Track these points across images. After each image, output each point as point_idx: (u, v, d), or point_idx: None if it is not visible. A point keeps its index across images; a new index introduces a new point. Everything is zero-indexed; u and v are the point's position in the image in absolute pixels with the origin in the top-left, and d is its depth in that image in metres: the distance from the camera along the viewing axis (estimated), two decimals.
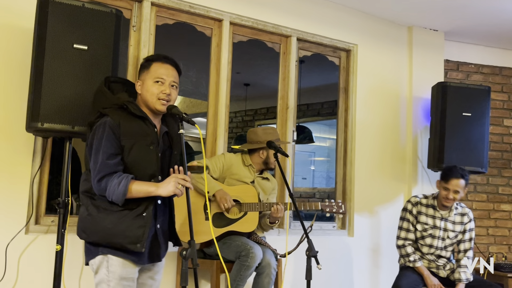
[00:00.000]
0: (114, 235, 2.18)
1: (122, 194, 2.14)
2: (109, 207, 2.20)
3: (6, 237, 2.90)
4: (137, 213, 2.21)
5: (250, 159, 3.37)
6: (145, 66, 2.36)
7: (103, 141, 2.18)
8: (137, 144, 2.24)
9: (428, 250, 3.65)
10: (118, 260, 2.20)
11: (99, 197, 2.21)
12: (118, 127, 2.20)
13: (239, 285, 3.02)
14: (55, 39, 2.64)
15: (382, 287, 4.33)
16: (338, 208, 3.29)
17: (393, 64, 4.62)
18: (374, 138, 4.45)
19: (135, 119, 2.27)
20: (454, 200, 3.55)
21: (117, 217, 2.19)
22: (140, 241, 2.18)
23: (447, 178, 3.53)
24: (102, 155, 2.16)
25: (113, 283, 2.19)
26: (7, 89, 2.96)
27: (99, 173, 2.15)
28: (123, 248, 2.19)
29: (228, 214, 3.20)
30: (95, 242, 2.22)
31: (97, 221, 2.20)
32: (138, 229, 2.19)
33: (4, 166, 2.94)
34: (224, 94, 3.81)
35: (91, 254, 2.25)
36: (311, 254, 2.60)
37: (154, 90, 2.29)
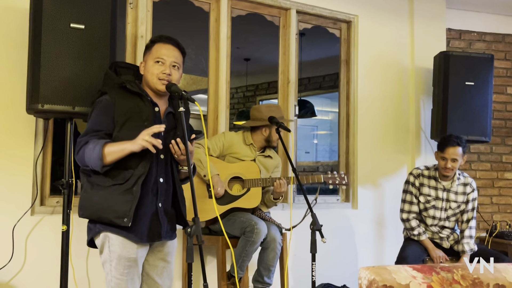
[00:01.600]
0: (102, 210, 2.19)
1: (97, 158, 2.13)
2: (101, 183, 2.22)
3: (13, 219, 2.92)
4: (126, 188, 2.20)
5: (251, 137, 3.34)
6: (148, 47, 2.38)
7: (92, 116, 2.25)
8: (130, 120, 2.24)
9: (432, 222, 3.66)
10: (118, 239, 2.21)
11: (94, 174, 2.23)
12: (113, 104, 2.23)
13: (245, 260, 3.05)
14: (51, 19, 2.62)
15: (387, 258, 4.36)
16: (341, 180, 3.29)
17: (394, 34, 4.56)
18: (376, 110, 4.43)
19: (133, 96, 2.28)
20: (453, 169, 3.53)
21: (107, 192, 2.20)
22: (127, 215, 2.17)
23: (443, 147, 3.53)
24: (85, 130, 2.22)
25: (114, 263, 2.22)
26: (5, 71, 2.94)
27: (77, 146, 2.20)
28: (112, 224, 2.19)
29: (231, 191, 3.20)
30: (91, 219, 2.26)
31: (89, 197, 2.24)
32: (126, 204, 2.18)
33: (7, 149, 2.94)
34: (224, 70, 3.78)
35: (91, 231, 2.29)
36: (316, 228, 2.61)
37: (154, 70, 2.30)
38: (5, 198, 2.93)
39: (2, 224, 2.91)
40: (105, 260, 2.25)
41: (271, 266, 3.10)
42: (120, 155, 2.17)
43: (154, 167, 2.27)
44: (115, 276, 2.22)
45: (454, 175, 3.63)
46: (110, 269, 2.24)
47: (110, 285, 2.24)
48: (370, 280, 1.56)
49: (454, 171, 3.57)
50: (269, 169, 3.37)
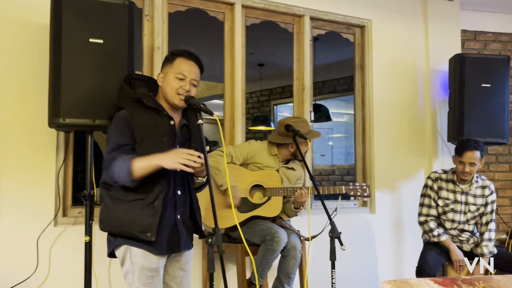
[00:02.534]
0: (125, 225, 2.22)
1: (127, 173, 2.13)
2: (122, 197, 2.24)
3: (37, 230, 2.99)
4: (147, 202, 2.22)
5: (277, 150, 3.32)
6: (169, 59, 2.37)
7: (114, 133, 2.25)
8: (148, 135, 2.26)
9: (451, 225, 3.65)
10: (139, 251, 2.24)
11: (114, 188, 2.26)
12: (131, 119, 2.24)
13: (265, 268, 3.07)
14: (70, 35, 2.68)
15: (407, 262, 4.35)
16: (363, 192, 3.26)
17: (408, 37, 4.55)
18: (392, 114, 4.43)
19: (149, 111, 2.30)
20: (471, 173, 3.52)
21: (128, 207, 2.23)
22: (150, 230, 2.20)
23: (461, 151, 3.51)
24: (110, 145, 2.23)
25: (137, 273, 2.25)
26: (27, 86, 3.01)
27: (105, 162, 2.22)
28: (134, 238, 2.22)
29: (252, 199, 3.23)
30: (112, 233, 2.29)
31: (111, 211, 2.26)
32: (148, 218, 2.21)
33: (30, 162, 3.01)
34: (240, 78, 3.81)
35: (112, 244, 2.32)
36: (335, 236, 2.62)
37: (175, 84, 2.31)
38: (29, 210, 3.00)
39: (26, 235, 2.97)
40: (127, 272, 2.29)
41: (291, 273, 3.12)
42: (149, 171, 2.17)
43: (172, 180, 2.31)
44: (138, 287, 2.25)
45: (472, 178, 3.61)
46: (133, 280, 2.27)
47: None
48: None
49: (472, 175, 3.55)
50: (291, 181, 3.37)
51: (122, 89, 2.38)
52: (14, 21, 3.00)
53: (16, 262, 2.94)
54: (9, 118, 2.97)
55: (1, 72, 2.96)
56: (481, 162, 3.54)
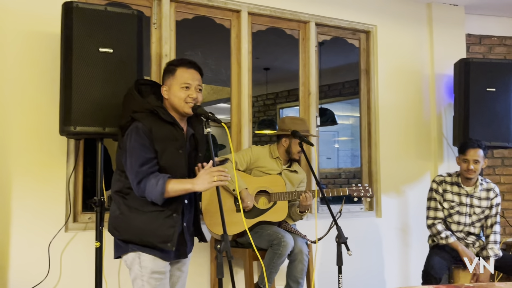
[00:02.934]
0: (145, 234, 2.29)
1: (160, 194, 2.23)
2: (140, 207, 2.31)
3: (48, 236, 3.04)
4: (167, 214, 2.32)
5: (277, 151, 3.40)
6: (170, 71, 2.42)
7: (137, 146, 2.26)
8: (168, 148, 2.32)
9: (457, 228, 3.68)
10: (149, 257, 2.32)
11: (130, 197, 2.32)
12: (150, 132, 2.28)
13: (272, 272, 3.11)
14: (81, 44, 2.73)
15: (413, 266, 4.37)
16: (366, 192, 3.32)
17: (413, 42, 4.59)
18: (398, 118, 4.46)
19: (165, 124, 2.35)
20: (476, 171, 3.55)
21: (148, 217, 2.30)
22: (171, 240, 2.30)
23: (464, 149, 3.59)
24: (137, 160, 2.25)
25: (146, 277, 2.31)
26: (39, 95, 3.07)
27: (137, 177, 2.25)
28: (154, 247, 2.30)
29: (257, 204, 3.27)
30: (127, 240, 2.34)
31: (129, 220, 2.32)
32: (169, 229, 2.31)
33: (41, 169, 3.07)
34: (246, 84, 3.86)
35: (121, 249, 2.38)
36: (341, 241, 2.66)
37: (182, 95, 2.36)
38: (40, 216, 3.05)
39: (38, 241, 3.03)
40: (136, 276, 2.34)
41: (300, 278, 3.16)
42: (181, 194, 2.30)
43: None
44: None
45: (477, 181, 3.64)
46: (142, 284, 2.33)
47: None
48: None
49: (476, 174, 3.59)
50: (294, 183, 3.43)
51: (133, 97, 2.40)
52: (26, 31, 3.06)
53: (28, 267, 3.00)
54: (21, 126, 3.03)
55: (13, 81, 3.02)
56: (485, 162, 3.60)
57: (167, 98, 2.41)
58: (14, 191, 3.00)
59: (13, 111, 3.02)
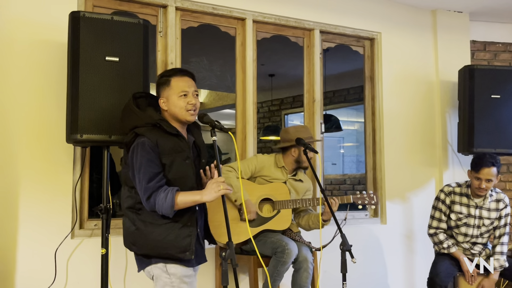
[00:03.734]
0: (164, 247, 2.32)
1: (170, 207, 2.25)
2: (155, 220, 2.33)
3: (55, 243, 3.06)
4: (182, 224, 2.34)
5: (283, 160, 3.40)
6: (164, 83, 2.43)
7: (144, 161, 2.28)
8: (175, 161, 2.35)
9: (464, 239, 3.65)
10: (175, 265, 2.35)
11: (143, 212, 2.34)
12: (156, 146, 2.30)
13: (276, 280, 3.11)
14: (88, 53, 2.76)
15: (418, 273, 4.36)
16: (370, 200, 3.32)
17: (418, 49, 4.60)
18: (402, 125, 4.46)
19: (169, 136, 2.37)
20: (488, 190, 3.51)
21: (164, 229, 2.32)
22: (189, 249, 2.32)
23: (478, 168, 3.48)
24: (144, 176, 2.27)
25: (176, 283, 2.34)
26: (46, 103, 3.10)
27: (146, 193, 2.27)
28: (173, 258, 2.33)
29: (261, 213, 3.28)
30: (146, 254, 2.37)
31: (145, 235, 2.34)
32: (185, 238, 2.33)
33: (48, 176, 3.09)
34: (251, 92, 3.88)
35: (144, 263, 2.40)
36: (345, 248, 2.66)
37: (181, 103, 2.38)
38: (47, 222, 3.08)
39: (45, 248, 3.05)
40: (165, 284, 2.35)
41: (305, 286, 3.15)
42: (191, 205, 2.33)
43: None
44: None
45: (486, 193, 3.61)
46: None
47: None
48: None
49: (488, 191, 3.55)
50: (299, 193, 3.42)
51: (132, 111, 2.42)
52: (33, 40, 3.09)
53: (35, 273, 3.01)
54: (28, 134, 3.06)
55: (21, 90, 3.06)
56: (497, 178, 3.53)
57: (166, 109, 2.42)
58: (21, 198, 3.03)
59: (20, 119, 3.05)
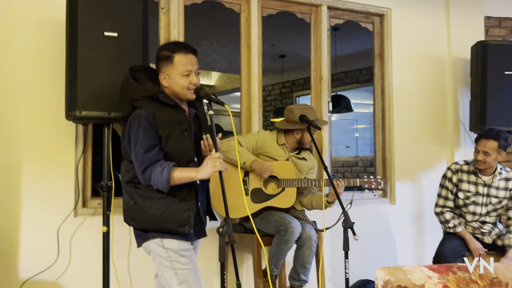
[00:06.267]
0: (162, 221, 2.28)
1: (166, 182, 2.21)
2: (153, 195, 2.29)
3: (57, 221, 3.07)
4: (181, 198, 2.30)
5: (284, 138, 3.33)
6: (167, 58, 2.33)
7: (140, 133, 2.24)
8: (172, 132, 2.30)
9: (472, 218, 3.58)
10: (172, 240, 2.32)
11: (142, 186, 2.30)
12: (153, 118, 2.25)
13: (279, 258, 3.08)
14: (86, 29, 2.72)
15: (428, 254, 4.29)
16: (377, 185, 3.24)
17: (429, 25, 4.47)
18: (413, 103, 4.36)
19: (167, 107, 2.32)
20: (485, 163, 3.43)
21: (163, 204, 2.29)
22: (188, 223, 2.29)
23: (477, 139, 3.48)
24: (141, 147, 2.23)
25: (174, 257, 2.30)
26: (46, 80, 3.09)
27: (142, 165, 2.23)
28: (172, 232, 2.30)
29: (266, 189, 3.24)
30: (145, 229, 2.34)
31: (144, 209, 2.30)
32: (184, 212, 2.29)
33: (50, 154, 3.09)
34: (256, 70, 3.81)
35: (142, 238, 2.38)
36: (348, 226, 2.62)
37: (183, 83, 2.32)
38: (49, 201, 3.08)
39: (47, 226, 3.06)
40: (163, 260, 2.32)
41: (307, 263, 3.12)
42: (187, 181, 2.28)
43: None
44: (180, 268, 2.30)
45: (495, 170, 3.52)
46: (170, 265, 2.30)
47: (177, 278, 2.29)
48: (385, 280, 1.57)
49: (487, 165, 3.46)
50: (302, 171, 3.35)
51: (130, 85, 2.36)
52: (31, 17, 3.07)
53: (38, 252, 3.03)
54: (29, 112, 3.05)
55: (20, 67, 3.04)
56: (501, 154, 3.43)
57: (167, 86, 2.36)
58: (23, 177, 3.03)
59: (21, 97, 3.04)
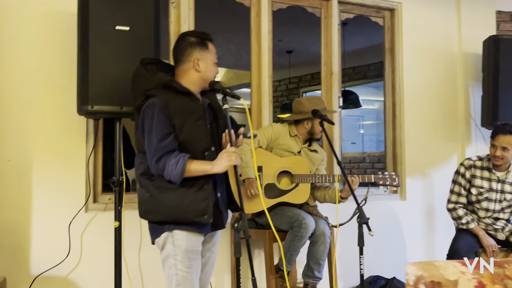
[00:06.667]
0: (180, 212, 2.23)
1: (180, 174, 2.18)
2: (169, 186, 2.24)
3: (68, 216, 3.05)
4: (198, 187, 2.25)
5: (296, 130, 3.33)
6: (201, 44, 2.36)
7: (154, 122, 2.20)
8: (187, 121, 2.26)
9: (485, 214, 3.55)
10: (183, 234, 2.27)
11: (157, 178, 2.26)
12: (166, 106, 2.22)
13: (293, 254, 3.06)
14: (97, 23, 2.69)
15: (438, 250, 4.27)
16: (392, 181, 3.21)
17: (440, 20, 4.43)
18: (423, 99, 4.33)
19: (181, 96, 2.29)
20: (503, 158, 3.39)
21: (179, 194, 2.24)
22: (206, 212, 2.24)
23: (494, 134, 3.44)
24: (156, 136, 2.19)
25: (180, 256, 2.26)
26: (58, 74, 3.06)
27: (156, 154, 2.19)
28: (190, 222, 2.25)
29: (279, 185, 3.21)
30: (162, 221, 2.28)
31: (160, 201, 2.26)
32: (202, 202, 2.24)
33: (60, 149, 3.07)
34: (267, 64, 3.78)
35: (157, 231, 2.32)
36: (362, 221, 2.59)
37: (215, 70, 2.38)
38: (60, 196, 3.06)
39: (58, 221, 3.04)
40: (168, 255, 2.29)
41: (321, 260, 3.10)
42: (201, 174, 2.24)
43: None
44: (182, 269, 2.26)
45: (510, 166, 3.49)
46: (174, 263, 2.27)
47: (176, 279, 2.26)
48: (418, 276, 1.53)
49: (505, 161, 3.43)
50: (314, 163, 3.35)
51: (142, 76, 2.34)
52: (42, 11, 3.05)
53: (49, 247, 3.01)
54: (40, 106, 3.03)
55: (32, 62, 3.02)
56: None
57: (200, 71, 2.34)
58: (34, 172, 3.01)
59: (32, 92, 3.02)
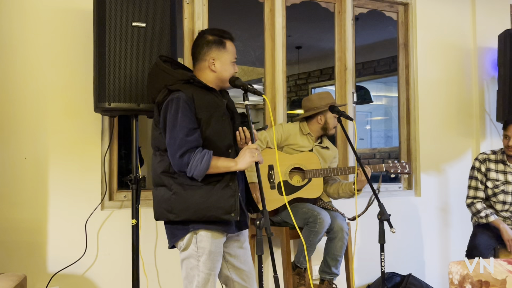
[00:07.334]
0: (207, 209, 2.19)
1: (204, 170, 2.14)
2: (193, 183, 2.20)
3: (85, 214, 3.04)
4: (224, 184, 2.21)
5: (308, 127, 3.30)
6: (218, 43, 2.33)
7: (179, 116, 2.15)
8: (213, 116, 2.23)
9: (502, 207, 3.52)
10: (207, 235, 2.22)
11: (180, 175, 2.21)
12: (192, 101, 2.19)
13: (309, 250, 3.03)
14: (114, 19, 2.67)
15: (454, 246, 4.24)
16: (403, 169, 3.20)
17: (454, 14, 4.39)
18: (438, 94, 4.29)
19: (205, 91, 2.27)
20: None
21: (206, 191, 2.20)
22: (234, 210, 2.20)
23: (506, 124, 3.44)
24: (181, 130, 2.14)
25: (203, 258, 2.22)
26: (73, 72, 3.05)
27: (180, 149, 2.14)
28: (217, 220, 2.21)
29: (291, 181, 3.19)
30: (186, 220, 2.22)
31: (185, 199, 2.20)
32: (229, 199, 2.20)
33: (76, 147, 3.06)
34: (281, 60, 3.76)
35: (179, 234, 2.25)
36: (384, 218, 2.56)
37: (232, 69, 2.35)
38: (76, 194, 3.05)
39: (75, 219, 3.03)
40: (191, 255, 2.24)
41: (339, 256, 3.08)
42: (223, 171, 2.21)
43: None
44: (204, 271, 2.22)
45: None
46: (196, 264, 2.23)
47: (197, 280, 2.23)
48: (463, 275, 1.48)
49: None
50: (326, 160, 3.33)
51: (163, 70, 2.29)
52: (58, 8, 3.03)
53: (66, 245, 3.00)
54: (56, 104, 3.02)
55: (47, 59, 3.00)
56: None
57: (215, 71, 2.32)
58: (50, 169, 3.00)
59: (48, 89, 3.00)
